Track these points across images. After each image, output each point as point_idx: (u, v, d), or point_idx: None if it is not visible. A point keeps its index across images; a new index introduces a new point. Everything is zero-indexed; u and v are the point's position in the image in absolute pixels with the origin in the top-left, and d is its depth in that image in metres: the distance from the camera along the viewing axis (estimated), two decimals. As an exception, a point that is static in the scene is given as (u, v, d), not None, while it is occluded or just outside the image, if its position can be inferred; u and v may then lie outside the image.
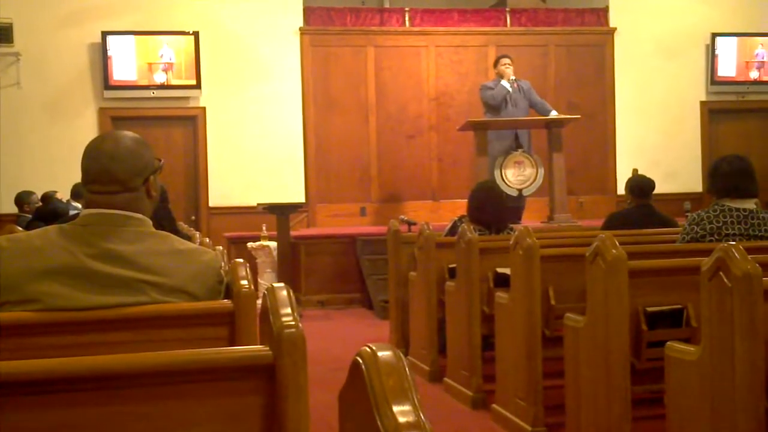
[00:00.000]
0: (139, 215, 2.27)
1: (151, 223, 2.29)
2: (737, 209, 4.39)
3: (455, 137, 10.74)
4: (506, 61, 9.72)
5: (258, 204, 9.19)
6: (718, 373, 2.77)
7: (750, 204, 4.43)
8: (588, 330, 3.69)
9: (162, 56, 10.64)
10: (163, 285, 2.20)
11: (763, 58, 12.07)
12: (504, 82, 9.57)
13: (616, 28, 11.91)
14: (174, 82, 10.71)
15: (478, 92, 9.83)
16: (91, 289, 2.14)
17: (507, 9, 11.97)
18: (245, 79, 11.01)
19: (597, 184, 11.82)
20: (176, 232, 3.54)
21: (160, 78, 10.66)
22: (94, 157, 2.27)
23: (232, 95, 10.99)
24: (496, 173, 9.00)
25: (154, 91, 10.67)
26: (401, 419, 1.26)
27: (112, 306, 2.14)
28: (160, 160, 2.39)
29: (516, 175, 9.14)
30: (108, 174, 2.25)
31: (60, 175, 9.73)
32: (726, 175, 4.44)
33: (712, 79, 12.00)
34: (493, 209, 5.98)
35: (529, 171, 9.18)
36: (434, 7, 11.93)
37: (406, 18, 11.55)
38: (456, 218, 6.35)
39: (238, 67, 10.99)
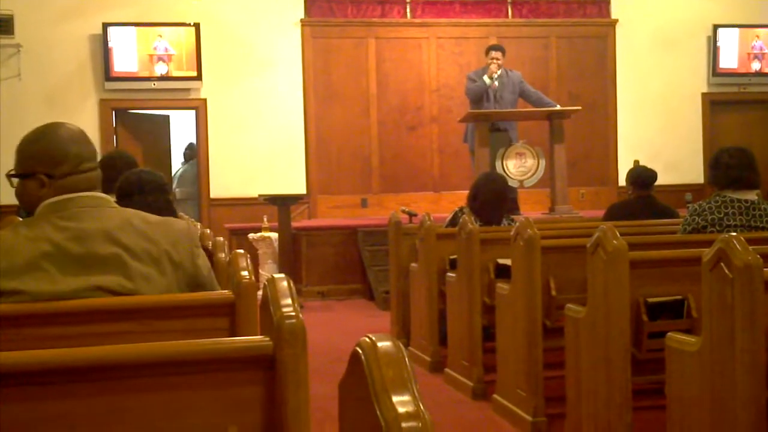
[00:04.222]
0: (106, 195, 2.35)
1: (113, 200, 2.38)
2: (739, 200, 4.38)
3: (456, 129, 10.71)
4: (495, 54, 9.46)
5: (259, 195, 9.19)
6: (718, 363, 2.77)
7: (751, 195, 4.42)
8: (589, 321, 3.70)
9: (156, 48, 10.61)
10: (145, 256, 2.23)
11: (761, 49, 12.04)
12: (486, 77, 9.47)
13: (617, 20, 11.88)
14: (175, 73, 10.69)
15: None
16: (76, 270, 2.15)
17: (508, 0, 11.94)
18: (246, 70, 11.00)
19: (598, 175, 11.81)
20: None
21: (161, 69, 10.65)
22: (55, 144, 2.30)
23: (233, 87, 10.98)
24: (498, 164, 8.99)
25: (155, 83, 10.66)
26: (401, 409, 1.26)
27: (101, 287, 2.16)
28: None
29: (517, 167, 9.12)
30: (78, 156, 2.30)
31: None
32: (727, 167, 4.44)
33: (714, 70, 11.98)
34: (484, 199, 5.97)
35: (530, 162, 9.16)
36: (435, -2, 11.91)
37: (408, 9, 11.52)
38: (457, 209, 6.35)
39: (239, 58, 10.98)
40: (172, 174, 11.59)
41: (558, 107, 9.52)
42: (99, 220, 2.23)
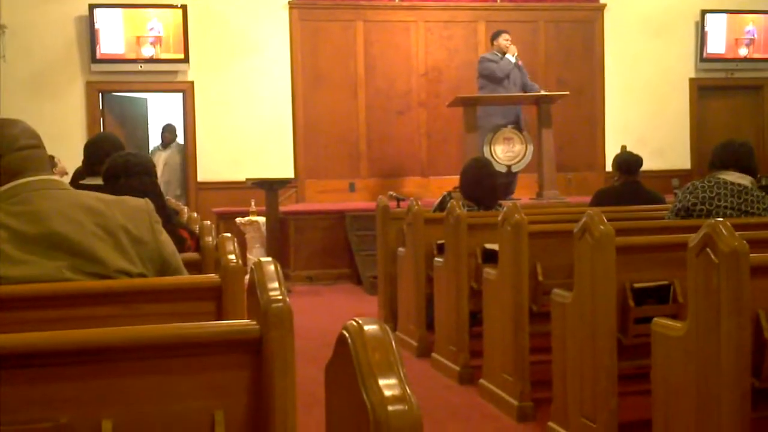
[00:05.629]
0: (57, 178, 2.35)
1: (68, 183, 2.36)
2: (732, 183, 4.43)
3: (444, 113, 10.71)
4: (508, 36, 9.82)
5: (247, 179, 9.17)
6: (703, 349, 2.78)
7: (745, 181, 4.47)
8: (575, 306, 3.71)
9: (152, 29, 10.55)
10: (103, 232, 2.21)
11: (753, 35, 12.06)
12: (509, 56, 9.62)
13: (605, 4, 11.88)
14: (162, 55, 10.64)
15: (477, 64, 9.83)
16: (40, 252, 2.14)
17: (497, -16, 11.92)
18: (234, 53, 10.95)
19: (585, 160, 11.83)
20: (164, 207, 3.52)
21: (148, 52, 10.59)
22: (11, 125, 2.31)
23: (221, 69, 10.93)
24: (486, 149, 8.99)
25: (142, 65, 10.60)
26: (387, 393, 1.26)
27: (70, 266, 2.15)
28: None
29: (505, 152, 9.13)
30: (12, 135, 2.29)
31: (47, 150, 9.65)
32: (729, 150, 4.50)
33: (701, 56, 11.99)
34: (485, 185, 5.97)
35: (518, 147, 9.17)
36: (424, -19, 11.86)
37: (396, -7, 11.49)
38: (445, 193, 6.34)
39: (227, 41, 10.93)
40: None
41: (542, 92, 9.55)
42: (52, 200, 2.21)
